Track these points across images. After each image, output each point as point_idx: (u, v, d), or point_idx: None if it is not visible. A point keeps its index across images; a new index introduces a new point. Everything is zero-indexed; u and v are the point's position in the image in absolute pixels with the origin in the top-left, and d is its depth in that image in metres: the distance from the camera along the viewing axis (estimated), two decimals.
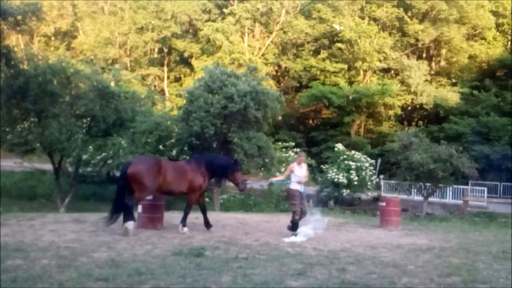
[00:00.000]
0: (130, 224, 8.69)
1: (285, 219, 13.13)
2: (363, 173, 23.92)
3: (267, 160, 18.19)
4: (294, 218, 9.26)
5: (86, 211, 14.83)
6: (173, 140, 19.70)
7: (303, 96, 35.92)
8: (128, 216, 8.77)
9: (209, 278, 5.62)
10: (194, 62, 38.51)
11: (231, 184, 10.89)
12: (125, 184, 9.01)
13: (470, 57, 36.92)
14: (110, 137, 19.89)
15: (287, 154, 25.22)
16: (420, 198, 22.15)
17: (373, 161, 25.03)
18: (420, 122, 35.42)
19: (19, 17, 20.66)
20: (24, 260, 6.11)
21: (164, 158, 15.95)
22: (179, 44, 40.68)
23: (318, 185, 24.75)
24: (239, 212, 15.01)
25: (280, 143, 26.75)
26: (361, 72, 36.19)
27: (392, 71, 36.58)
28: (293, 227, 9.25)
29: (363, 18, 36.56)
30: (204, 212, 9.95)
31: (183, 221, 9.44)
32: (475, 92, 33.55)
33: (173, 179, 9.38)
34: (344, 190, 23.12)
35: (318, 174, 25.47)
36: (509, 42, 38.33)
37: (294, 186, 9.39)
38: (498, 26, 37.71)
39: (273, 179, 11.62)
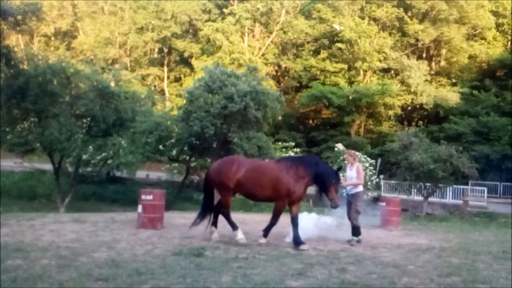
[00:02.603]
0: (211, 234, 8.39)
1: (285, 219, 13.12)
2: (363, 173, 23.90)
3: (267, 160, 18.23)
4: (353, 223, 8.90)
5: (86, 211, 14.86)
6: (173, 140, 19.74)
7: (303, 96, 35.88)
8: (214, 224, 8.53)
9: (209, 278, 5.62)
10: (194, 62, 38.51)
11: None
12: (207, 187, 8.53)
13: (470, 57, 36.87)
14: (110, 137, 19.92)
15: (287, 154, 25.27)
16: (420, 198, 22.16)
17: (373, 161, 25.01)
18: (420, 122, 35.40)
19: (19, 17, 20.74)
20: (24, 260, 6.11)
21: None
22: (179, 44, 40.68)
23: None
24: (239, 212, 14.97)
25: (280, 143, 26.81)
26: (361, 72, 36.14)
27: (392, 71, 36.54)
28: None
29: (363, 18, 36.53)
30: (294, 225, 7.93)
31: (265, 232, 8.15)
32: (475, 92, 33.53)
33: (250, 180, 7.86)
34: (344, 190, 23.08)
35: None
36: (509, 42, 38.31)
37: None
38: (498, 26, 37.69)
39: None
